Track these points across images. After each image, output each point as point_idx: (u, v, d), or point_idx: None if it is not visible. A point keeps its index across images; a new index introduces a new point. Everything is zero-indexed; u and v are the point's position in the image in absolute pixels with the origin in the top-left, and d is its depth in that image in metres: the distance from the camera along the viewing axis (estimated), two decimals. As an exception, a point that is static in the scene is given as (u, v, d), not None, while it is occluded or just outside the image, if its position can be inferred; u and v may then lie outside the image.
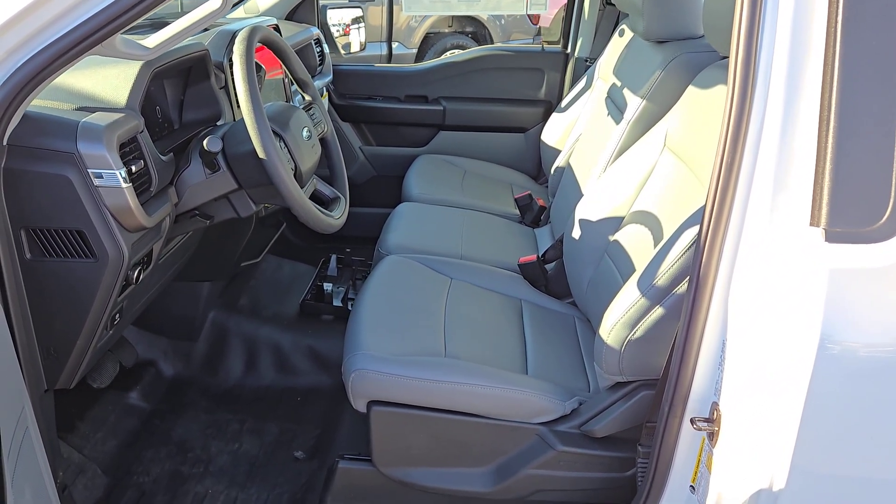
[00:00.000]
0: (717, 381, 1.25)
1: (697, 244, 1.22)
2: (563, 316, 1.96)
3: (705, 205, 1.20)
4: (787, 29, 1.09)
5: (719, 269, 1.20)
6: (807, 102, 1.10)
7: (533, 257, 2.06)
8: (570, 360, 1.75)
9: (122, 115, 1.36)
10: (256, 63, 1.74)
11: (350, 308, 2.33)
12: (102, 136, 1.28)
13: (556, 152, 2.79)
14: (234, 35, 1.89)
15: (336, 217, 1.65)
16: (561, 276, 2.04)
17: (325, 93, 2.96)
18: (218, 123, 1.78)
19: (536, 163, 3.19)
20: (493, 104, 3.13)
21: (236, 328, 2.22)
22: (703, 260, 1.20)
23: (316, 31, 2.88)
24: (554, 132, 2.87)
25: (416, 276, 1.93)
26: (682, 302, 1.36)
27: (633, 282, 1.46)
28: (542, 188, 2.99)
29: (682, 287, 1.36)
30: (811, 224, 1.10)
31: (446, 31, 7.71)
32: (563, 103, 2.89)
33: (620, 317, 1.44)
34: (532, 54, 3.10)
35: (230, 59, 1.78)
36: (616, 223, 1.84)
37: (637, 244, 1.69)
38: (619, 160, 1.92)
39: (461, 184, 2.81)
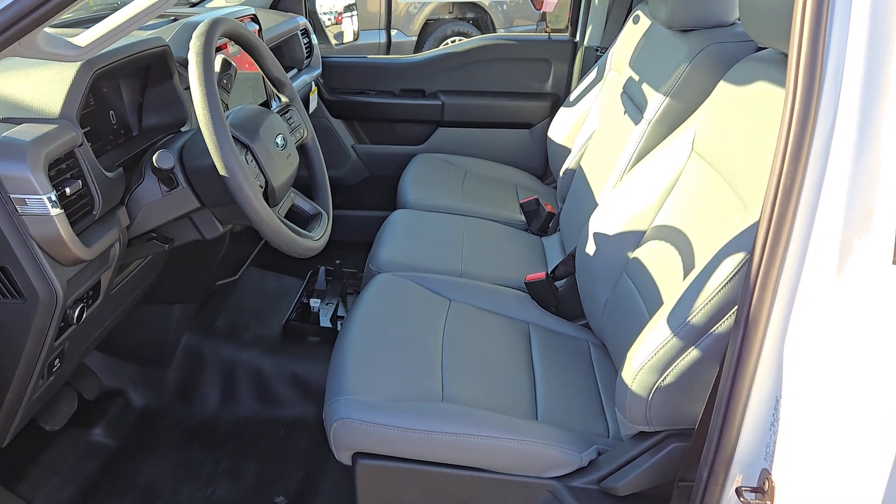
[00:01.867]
0: (769, 443, 1.04)
1: (747, 278, 1.00)
2: (576, 341, 1.75)
3: (757, 231, 0.98)
4: (865, 16, 0.87)
5: (773, 309, 0.99)
6: (892, 108, 0.87)
7: (541, 275, 1.84)
8: (586, 397, 1.54)
9: (55, 126, 1.14)
10: (226, 60, 1.52)
11: (339, 328, 2.11)
12: (26, 154, 1.06)
13: (565, 150, 2.57)
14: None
15: (315, 238, 1.43)
16: (573, 295, 1.82)
17: (315, 87, 2.73)
18: (182, 129, 1.56)
19: (543, 161, 2.96)
20: (496, 98, 2.90)
21: (212, 353, 2.01)
22: (755, 298, 0.98)
23: (303, 21, 2.65)
24: (562, 128, 2.64)
25: (411, 298, 1.71)
26: (722, 343, 1.15)
27: (661, 317, 1.24)
28: (549, 189, 2.77)
29: (722, 325, 1.14)
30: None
31: (447, 17, 7.47)
32: (572, 96, 2.66)
33: (647, 359, 1.22)
34: (538, 43, 2.86)
35: None
36: (636, 238, 1.62)
37: (662, 265, 1.47)
38: (638, 165, 1.69)
39: (461, 186, 2.58)
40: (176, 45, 1.61)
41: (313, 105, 2.73)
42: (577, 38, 2.85)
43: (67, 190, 1.13)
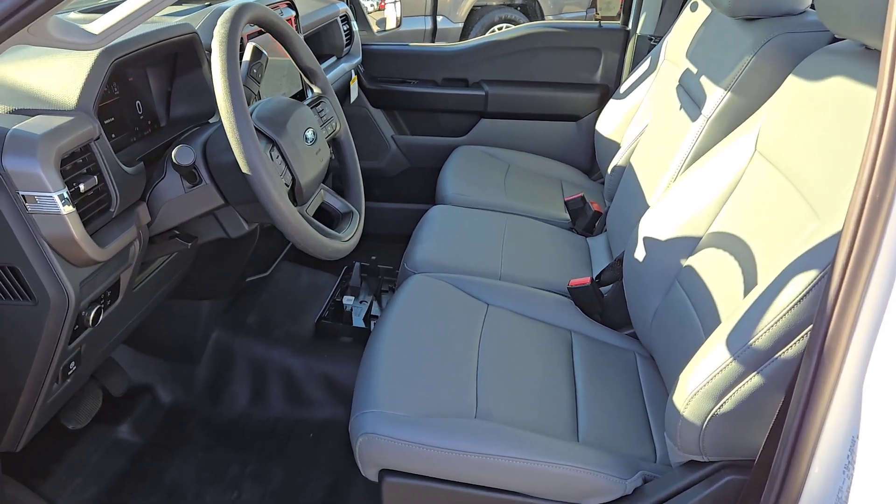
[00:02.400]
0: (842, 488, 0.92)
1: (823, 300, 0.88)
2: (622, 352, 1.63)
3: (838, 247, 0.86)
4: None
5: (853, 336, 0.87)
6: None
7: (586, 280, 1.72)
8: (632, 416, 1.42)
9: (70, 119, 1.07)
10: (256, 48, 1.44)
11: (372, 328, 2.04)
12: (36, 148, 0.99)
13: (614, 145, 2.44)
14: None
15: (345, 239, 1.35)
16: (619, 302, 1.70)
17: (354, 76, 2.65)
18: (210, 121, 1.49)
19: (590, 155, 2.83)
20: (542, 89, 2.78)
21: (242, 350, 1.95)
22: (832, 323, 0.87)
23: (343, 7, 2.56)
24: (611, 121, 2.51)
25: (446, 301, 1.62)
26: (788, 369, 1.03)
27: (719, 337, 1.12)
28: (596, 185, 2.64)
29: (790, 350, 1.02)
30: None
31: (494, 3, 7.33)
32: (623, 88, 2.53)
33: (703, 383, 1.10)
34: (587, 31, 2.73)
35: None
36: (691, 244, 1.49)
37: (720, 276, 1.34)
38: (695, 165, 1.56)
39: (504, 181, 2.48)
40: (205, 31, 1.54)
41: (354, 95, 2.65)
42: (630, 27, 2.70)
43: (81, 186, 1.07)
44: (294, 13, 1.98)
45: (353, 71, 2.60)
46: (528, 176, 2.57)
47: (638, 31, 2.66)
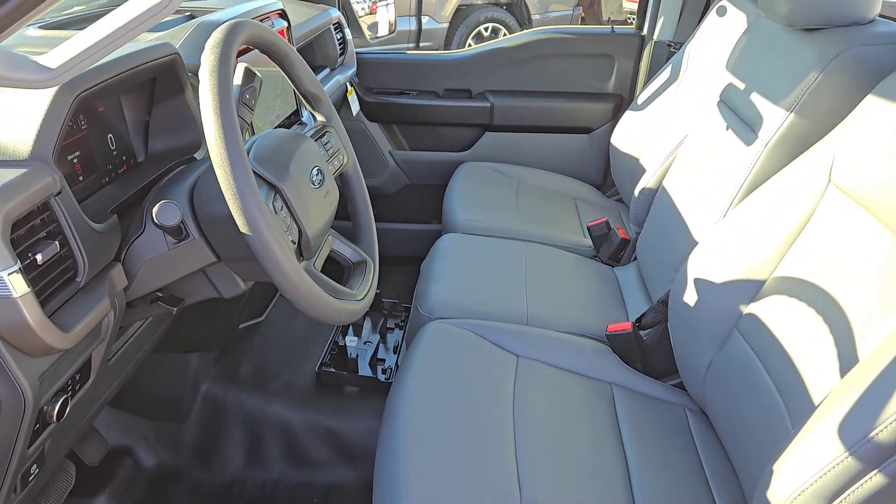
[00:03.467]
0: None
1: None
2: (670, 407, 1.44)
3: None
4: None
5: None
6: None
7: (626, 325, 1.53)
8: (691, 484, 1.23)
9: (22, 172, 0.86)
10: (248, 69, 1.23)
11: (380, 376, 1.83)
12: None
13: (632, 161, 2.25)
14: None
15: (359, 297, 1.14)
16: (663, 348, 1.51)
17: (350, 88, 2.44)
18: (196, 156, 1.28)
19: (603, 170, 2.64)
20: (551, 99, 2.58)
21: (235, 405, 1.73)
22: None
23: (336, 14, 2.35)
24: (628, 134, 2.32)
25: (472, 356, 1.42)
26: (918, 467, 0.84)
27: (824, 423, 0.93)
28: (612, 203, 2.45)
29: (922, 445, 0.83)
30: None
31: (479, 2, 7.13)
32: (640, 98, 2.34)
33: (809, 482, 0.91)
34: (599, 37, 2.54)
35: None
36: (753, 288, 1.30)
37: (797, 332, 1.15)
38: (752, 196, 1.37)
39: (515, 201, 2.28)
40: (187, 50, 1.32)
41: (355, 109, 2.44)
42: (645, 31, 2.51)
43: (39, 257, 0.85)
44: (286, 24, 1.77)
45: (347, 83, 2.39)
46: (540, 194, 2.37)
47: (655, 37, 2.47)
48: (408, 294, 2.54)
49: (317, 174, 1.12)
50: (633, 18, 2.58)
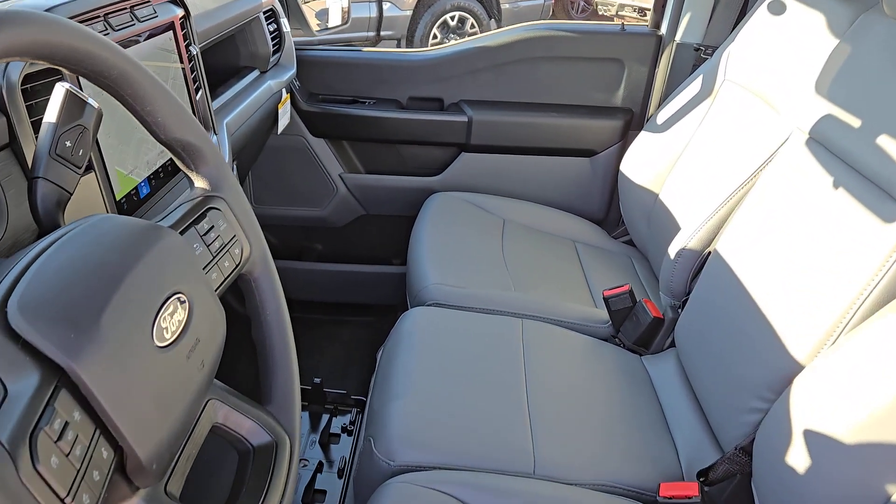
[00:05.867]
0: None
1: None
2: None
3: None
4: None
5: None
6: None
7: (689, 488, 1.01)
8: None
9: None
10: (71, 94, 0.67)
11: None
12: None
13: (647, 196, 1.75)
14: None
15: None
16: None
17: (286, 95, 1.87)
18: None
19: (607, 203, 2.12)
20: (544, 113, 2.04)
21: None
22: None
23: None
24: (642, 161, 1.82)
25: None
26: None
27: None
28: (621, 247, 1.94)
29: None
30: None
31: (447, -13, 6.60)
32: (660, 116, 1.83)
33: None
34: (606, 36, 2.01)
35: None
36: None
37: None
38: (893, 306, 0.87)
39: (501, 247, 1.75)
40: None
41: (284, 122, 1.88)
42: (663, 31, 1.99)
43: None
44: (181, 12, 1.20)
45: (283, 90, 1.82)
46: (532, 238, 1.85)
47: (678, 39, 1.96)
48: (363, 371, 2.01)
49: (178, 318, 0.58)
50: (625, 9, 2.06)
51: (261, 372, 0.77)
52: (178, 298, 0.58)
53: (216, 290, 0.69)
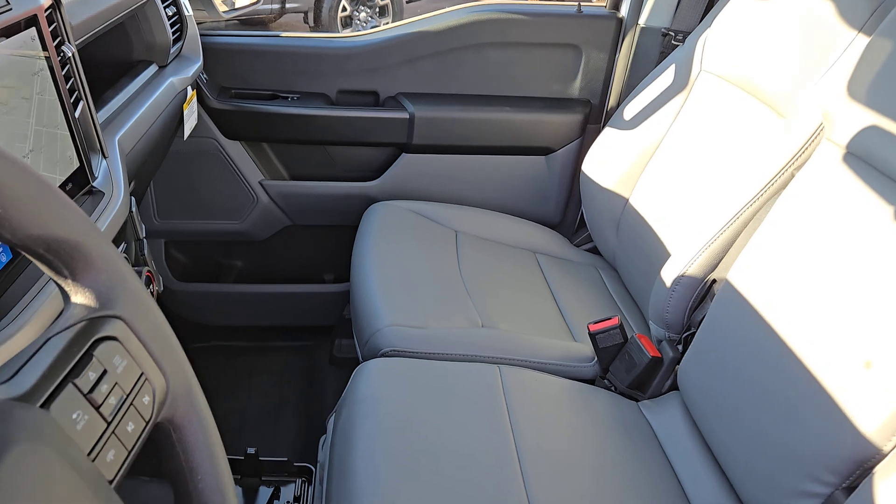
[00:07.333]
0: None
1: None
2: None
3: None
4: None
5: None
6: None
7: None
8: None
9: None
10: None
11: None
12: None
13: (617, 201, 1.57)
14: None
15: None
16: None
17: (192, 93, 1.56)
18: None
19: (563, 203, 1.92)
20: (494, 107, 1.81)
21: None
22: None
23: (163, -25, 1.45)
24: (607, 159, 1.63)
25: None
26: None
27: None
28: (586, 256, 1.75)
29: None
30: None
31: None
32: (627, 110, 1.63)
33: None
34: (560, 19, 1.78)
35: None
36: None
37: None
38: None
39: (458, 267, 1.52)
40: None
41: (190, 125, 1.56)
42: (624, 13, 1.78)
43: None
44: (47, 1, 0.89)
45: (189, 87, 1.51)
46: (489, 253, 1.62)
47: (641, 22, 1.75)
48: (299, 417, 1.75)
49: None
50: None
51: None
52: None
53: (112, 480, 0.43)
